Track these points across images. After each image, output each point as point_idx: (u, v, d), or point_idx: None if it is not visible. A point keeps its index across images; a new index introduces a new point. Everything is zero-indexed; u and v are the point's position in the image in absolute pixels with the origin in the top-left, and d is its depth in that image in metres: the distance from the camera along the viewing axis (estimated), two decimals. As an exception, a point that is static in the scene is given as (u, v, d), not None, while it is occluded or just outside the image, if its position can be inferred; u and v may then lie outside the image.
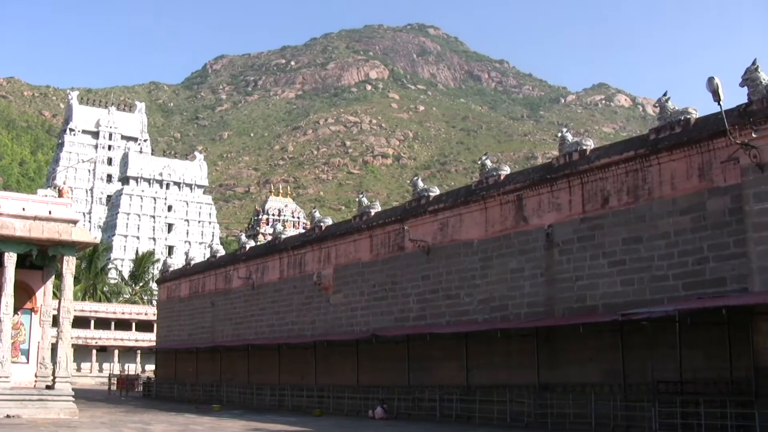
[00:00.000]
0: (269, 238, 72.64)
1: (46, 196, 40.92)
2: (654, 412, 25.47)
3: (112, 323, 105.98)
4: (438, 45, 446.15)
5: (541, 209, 34.74)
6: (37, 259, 39.35)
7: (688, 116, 29.40)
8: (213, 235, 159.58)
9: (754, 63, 26.54)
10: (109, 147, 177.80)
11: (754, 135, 24.82)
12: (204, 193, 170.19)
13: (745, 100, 26.41)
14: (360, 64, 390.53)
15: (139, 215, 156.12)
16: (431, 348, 38.68)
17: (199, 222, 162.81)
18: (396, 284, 43.11)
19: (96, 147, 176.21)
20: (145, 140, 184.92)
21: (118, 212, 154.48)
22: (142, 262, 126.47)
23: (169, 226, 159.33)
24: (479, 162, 40.93)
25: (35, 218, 37.92)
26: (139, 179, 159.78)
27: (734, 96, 27.18)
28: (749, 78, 26.33)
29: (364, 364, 43.58)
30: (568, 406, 30.69)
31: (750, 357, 23.81)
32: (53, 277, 41.27)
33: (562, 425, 30.59)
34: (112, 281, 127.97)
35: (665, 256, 29.09)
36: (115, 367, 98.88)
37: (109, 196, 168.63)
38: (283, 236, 56.68)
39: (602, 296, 31.26)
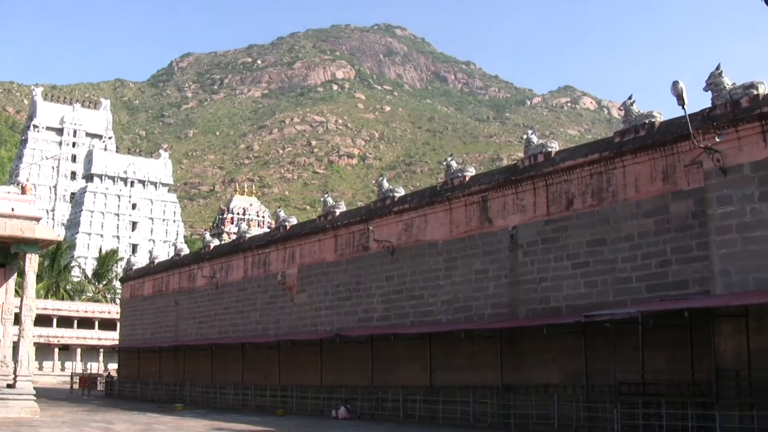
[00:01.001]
0: (234, 237, 72.42)
1: (8, 193, 40.51)
2: (616, 413, 25.61)
3: (75, 322, 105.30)
4: (405, 46, 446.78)
5: (506, 211, 34.86)
6: (-1, 257, 39.03)
7: (653, 120, 29.61)
8: (177, 234, 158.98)
9: (718, 68, 26.72)
10: (74, 144, 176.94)
11: (717, 139, 24.97)
12: (169, 191, 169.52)
13: (709, 105, 26.59)
14: (326, 63, 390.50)
15: (103, 213, 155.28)
16: (395, 348, 38.70)
17: (163, 220, 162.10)
18: (360, 284, 43.11)
19: (60, 144, 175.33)
20: (109, 138, 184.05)
21: (82, 210, 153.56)
22: (106, 260, 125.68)
23: (134, 225, 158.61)
24: (444, 163, 41.03)
25: (-3, 215, 37.59)
26: (103, 177, 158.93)
27: (698, 100, 27.38)
28: (713, 83, 26.52)
29: (328, 364, 43.54)
30: (531, 407, 30.77)
31: (711, 359, 23.97)
32: (15, 274, 40.89)
33: (524, 426, 30.67)
34: (76, 279, 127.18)
35: (629, 258, 29.27)
36: (78, 366, 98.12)
37: (73, 194, 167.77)
38: (248, 235, 56.50)
39: (566, 298, 31.41)
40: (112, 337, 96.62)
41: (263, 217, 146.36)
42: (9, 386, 37.71)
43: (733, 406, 23.51)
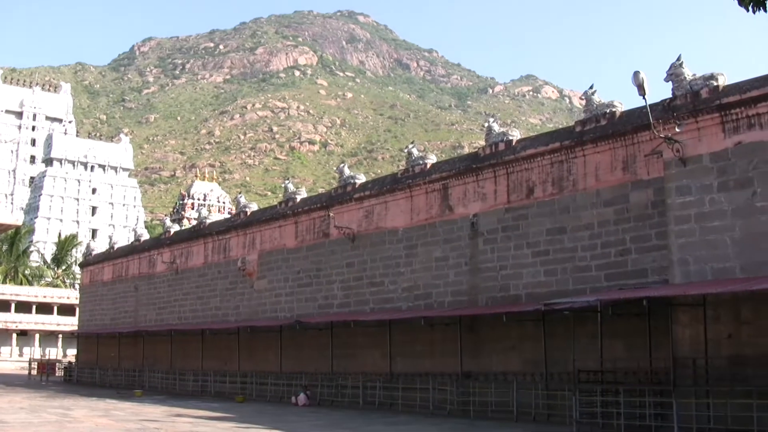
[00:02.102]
0: (194, 222, 72.10)
1: (-34, 176, 40.12)
2: (575, 401, 25.71)
3: (34, 307, 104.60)
4: (367, 32, 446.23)
5: (467, 198, 34.93)
6: (-43, 241, 38.65)
7: (614, 109, 29.77)
8: (137, 219, 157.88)
9: (678, 59, 26.85)
10: (33, 128, 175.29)
11: (677, 129, 25.12)
12: (129, 176, 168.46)
13: (670, 95, 26.74)
14: (289, 49, 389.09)
15: (62, 198, 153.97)
16: (355, 335, 38.74)
17: (123, 205, 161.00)
18: (320, 271, 43.09)
19: (19, 127, 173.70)
20: (70, 121, 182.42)
21: (42, 194, 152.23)
22: (65, 245, 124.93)
23: (93, 209, 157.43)
24: (406, 150, 41.02)
25: (-45, 199, 37.23)
26: (63, 161, 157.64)
27: (659, 91, 27.53)
28: (674, 73, 26.66)
29: (288, 350, 43.53)
30: (491, 395, 30.89)
31: (669, 347, 24.13)
32: (-27, 259, 40.53)
33: (484, 413, 30.79)
34: (34, 264, 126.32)
35: (588, 247, 29.42)
36: (36, 352, 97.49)
37: (32, 178, 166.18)
38: (208, 221, 56.28)
39: (525, 286, 31.54)
40: (71, 323, 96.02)
41: (224, 202, 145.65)
42: (-35, 372, 37.38)
43: (689, 394, 23.69)
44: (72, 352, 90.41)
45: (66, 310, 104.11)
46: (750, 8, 10.90)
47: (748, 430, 21.77)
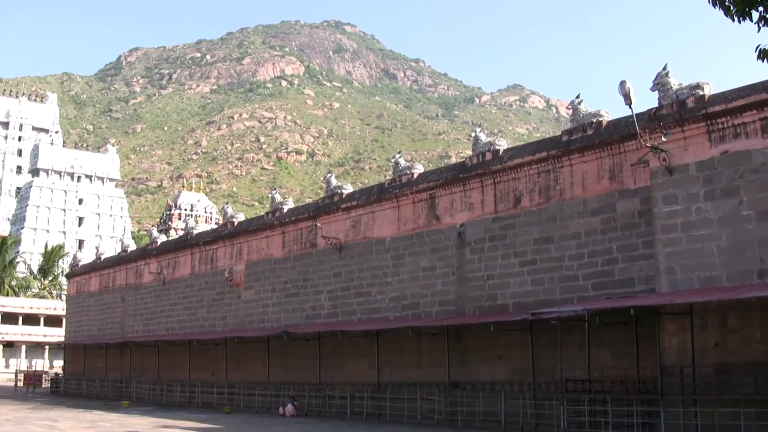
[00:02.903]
0: (181, 233, 72.03)
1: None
2: (563, 411, 25.73)
3: (20, 318, 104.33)
4: (354, 42, 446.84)
5: (454, 208, 34.96)
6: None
7: (600, 119, 29.84)
8: (124, 230, 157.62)
9: (664, 68, 26.97)
10: (20, 138, 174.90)
11: (663, 138, 25.21)
12: (116, 186, 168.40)
13: (656, 105, 26.85)
14: (276, 59, 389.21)
15: (49, 208, 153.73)
16: (342, 345, 38.71)
17: (110, 216, 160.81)
18: (308, 281, 43.06)
19: (6, 138, 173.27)
20: (56, 132, 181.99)
21: (28, 205, 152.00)
22: (52, 255, 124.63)
23: (80, 220, 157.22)
24: (393, 160, 41.03)
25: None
26: (49, 171, 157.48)
27: (645, 100, 27.59)
28: (660, 83, 26.77)
29: (275, 360, 43.48)
30: (478, 404, 30.92)
31: (656, 356, 24.17)
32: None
33: (472, 423, 30.78)
34: (21, 275, 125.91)
35: (575, 256, 29.46)
36: (23, 363, 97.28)
37: (18, 189, 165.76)
38: (195, 231, 56.25)
39: (513, 295, 31.55)
40: (57, 334, 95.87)
41: (211, 213, 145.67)
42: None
43: (677, 403, 23.76)
44: (59, 364, 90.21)
45: (52, 321, 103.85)
46: (735, 18, 10.98)
47: (735, 439, 21.83)
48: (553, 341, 28.91)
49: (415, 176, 37.84)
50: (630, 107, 25.00)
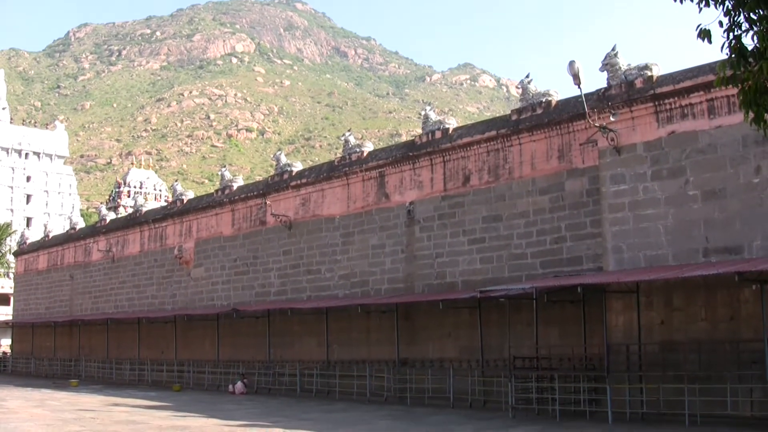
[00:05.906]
0: (130, 210, 71.59)
1: None
2: (510, 387, 25.90)
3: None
4: (305, 20, 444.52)
5: (403, 186, 35.02)
6: None
7: (549, 98, 29.98)
8: (73, 207, 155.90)
9: (613, 49, 27.19)
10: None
11: (612, 119, 25.43)
12: (64, 164, 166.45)
13: (605, 85, 27.06)
14: (226, 36, 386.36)
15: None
16: (292, 323, 38.77)
17: (59, 193, 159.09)
18: (257, 259, 43.02)
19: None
20: (3, 108, 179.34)
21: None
22: None
23: (28, 197, 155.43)
24: (343, 138, 41.05)
25: None
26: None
27: (594, 80, 27.91)
28: (609, 63, 26.99)
29: (225, 339, 43.44)
30: (427, 381, 31.14)
31: (603, 334, 24.38)
32: None
33: (420, 400, 30.96)
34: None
35: (524, 234, 29.65)
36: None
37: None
38: (144, 209, 55.96)
39: (462, 273, 31.71)
40: (5, 313, 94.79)
41: (160, 190, 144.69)
42: None
43: (623, 380, 24.07)
44: (6, 343, 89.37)
45: (0, 299, 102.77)
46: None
47: (679, 414, 22.12)
48: (501, 319, 29.12)
49: (365, 154, 37.85)
50: (579, 87, 25.16)
